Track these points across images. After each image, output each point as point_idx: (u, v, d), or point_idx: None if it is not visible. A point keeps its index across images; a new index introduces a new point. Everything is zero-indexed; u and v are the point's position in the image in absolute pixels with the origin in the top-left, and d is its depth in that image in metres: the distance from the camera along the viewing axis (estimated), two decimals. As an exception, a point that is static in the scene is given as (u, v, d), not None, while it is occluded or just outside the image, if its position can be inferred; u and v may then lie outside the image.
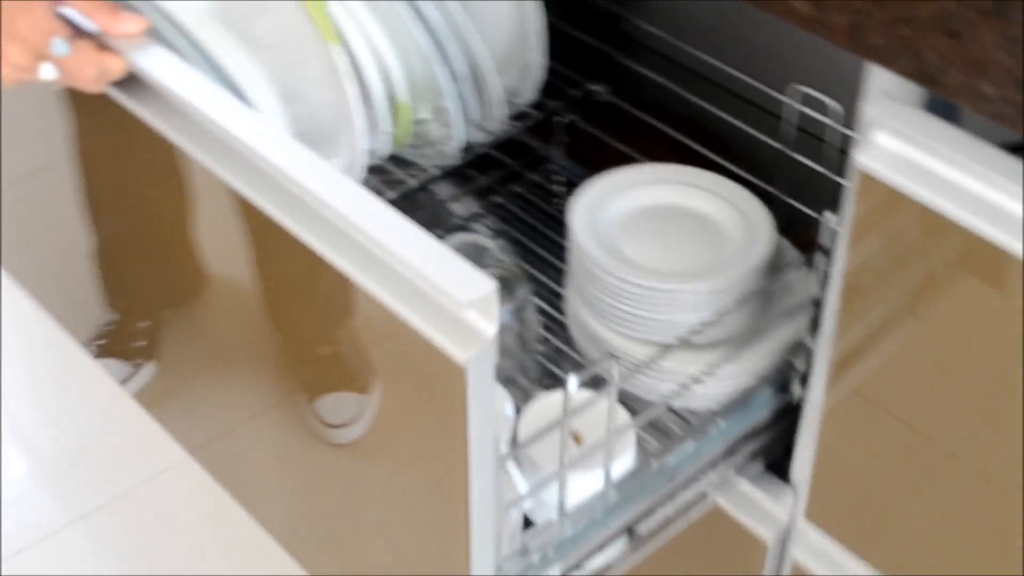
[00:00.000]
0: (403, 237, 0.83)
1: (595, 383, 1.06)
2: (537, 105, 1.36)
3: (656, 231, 1.19)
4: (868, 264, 1.00)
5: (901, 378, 1.03)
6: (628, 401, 1.15)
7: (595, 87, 1.38)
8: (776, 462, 1.18)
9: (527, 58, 1.29)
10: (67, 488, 1.87)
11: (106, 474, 1.87)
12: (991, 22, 0.82)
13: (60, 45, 0.97)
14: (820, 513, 1.14)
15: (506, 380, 1.17)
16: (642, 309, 1.12)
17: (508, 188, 1.40)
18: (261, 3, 1.24)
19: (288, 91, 1.27)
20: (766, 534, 1.17)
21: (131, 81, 1.00)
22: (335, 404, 1.13)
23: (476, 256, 1.22)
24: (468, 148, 1.31)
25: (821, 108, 1.14)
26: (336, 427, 1.15)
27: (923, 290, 0.97)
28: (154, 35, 1.14)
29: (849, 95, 1.03)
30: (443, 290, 0.79)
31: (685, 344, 1.12)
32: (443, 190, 1.43)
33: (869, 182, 0.94)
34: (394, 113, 1.26)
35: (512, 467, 1.04)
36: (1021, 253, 0.87)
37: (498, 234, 1.37)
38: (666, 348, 1.11)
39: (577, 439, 1.09)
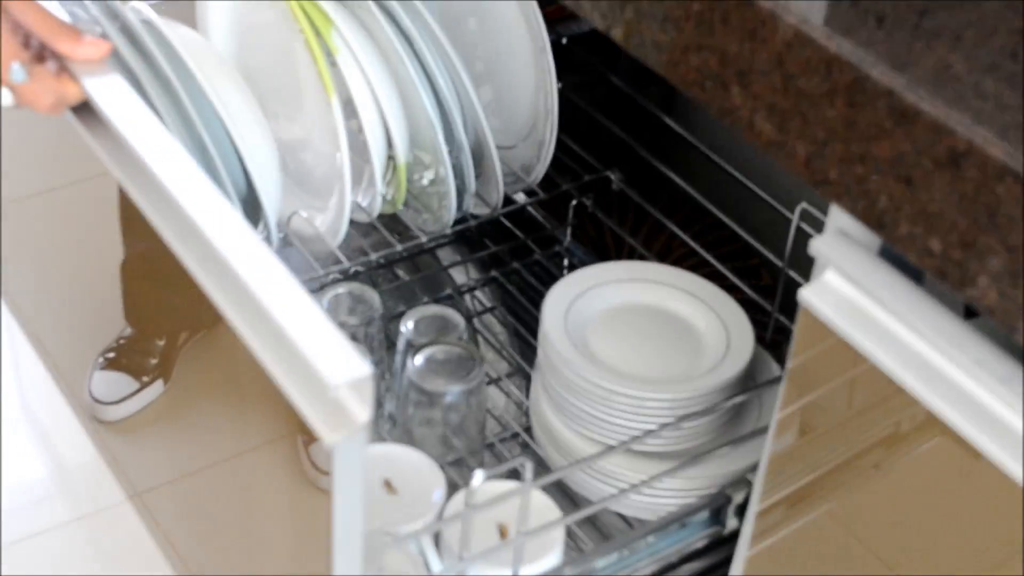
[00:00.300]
0: (294, 309, 0.81)
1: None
2: (552, 184, 1.36)
3: (633, 331, 1.17)
4: (807, 405, 0.97)
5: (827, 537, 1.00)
6: (575, 499, 1.14)
7: (610, 173, 1.36)
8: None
9: (542, 135, 1.28)
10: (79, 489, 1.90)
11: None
12: (944, 174, 0.79)
13: (19, 72, 0.96)
14: None
15: (454, 461, 1.16)
16: (593, 408, 1.10)
17: (513, 262, 1.39)
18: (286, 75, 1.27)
19: (297, 139, 1.30)
20: None
21: (86, 107, 1.00)
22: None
23: (440, 330, 1.19)
24: (471, 218, 1.31)
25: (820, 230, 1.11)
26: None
27: (856, 441, 0.94)
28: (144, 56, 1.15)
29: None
30: (317, 369, 0.77)
31: (628, 449, 1.09)
32: (448, 255, 1.43)
33: (810, 319, 0.92)
34: (393, 174, 1.26)
35: (428, 546, 1.01)
36: (957, 424, 0.83)
37: (489, 309, 1.37)
38: (609, 449, 1.08)
39: (503, 531, 1.06)
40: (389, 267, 1.41)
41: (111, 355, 1.46)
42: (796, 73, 0.86)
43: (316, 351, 0.78)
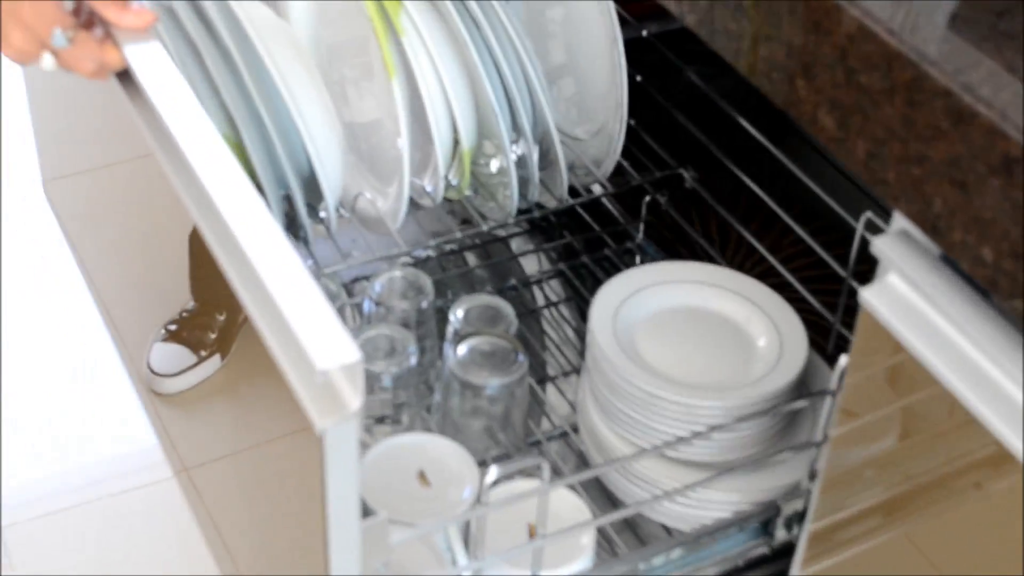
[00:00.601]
0: (295, 293, 0.80)
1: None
2: (627, 178, 1.33)
3: (683, 334, 1.14)
4: (863, 415, 0.94)
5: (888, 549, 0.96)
6: (618, 505, 1.12)
7: (683, 171, 1.32)
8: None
9: (612, 129, 1.26)
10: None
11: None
12: (998, 180, 0.75)
13: (60, 37, 0.97)
14: None
15: (499, 456, 1.14)
16: (636, 411, 1.07)
17: (583, 255, 1.36)
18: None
19: (370, 121, 1.29)
20: None
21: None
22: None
23: (491, 320, 1.17)
24: (536, 209, 1.29)
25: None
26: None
27: (913, 444, 0.91)
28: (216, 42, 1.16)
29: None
30: (307, 352, 0.76)
31: (670, 457, 1.06)
32: (521, 244, 1.42)
33: (871, 322, 0.89)
34: (458, 160, 1.25)
35: (456, 540, 0.99)
36: (1013, 441, 0.79)
37: (554, 303, 1.34)
38: (641, 452, 1.05)
39: (532, 531, 1.03)
40: (459, 253, 1.40)
41: (172, 327, 1.46)
42: (858, 68, 0.84)
43: (309, 335, 0.77)
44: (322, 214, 1.23)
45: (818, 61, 0.87)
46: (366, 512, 0.89)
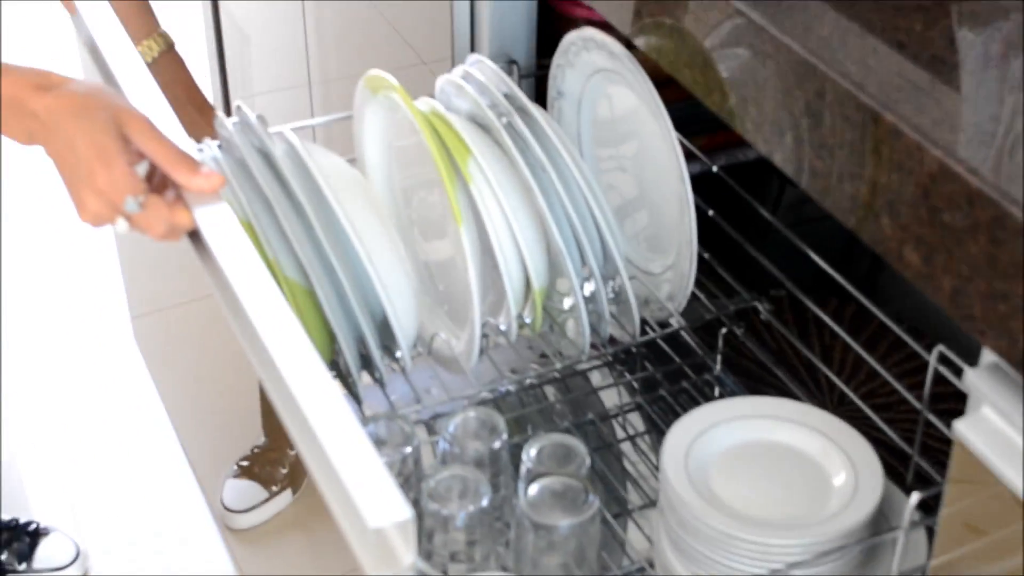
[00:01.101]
0: (348, 449, 0.79)
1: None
2: (704, 311, 1.31)
3: (757, 470, 1.09)
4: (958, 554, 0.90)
5: None
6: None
7: (757, 303, 1.29)
8: None
9: (683, 264, 1.23)
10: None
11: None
12: None
13: (132, 203, 0.98)
14: None
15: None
16: (711, 551, 1.02)
17: (662, 388, 1.32)
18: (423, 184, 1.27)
19: (443, 261, 1.30)
20: None
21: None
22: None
23: (561, 459, 1.12)
24: (608, 345, 1.27)
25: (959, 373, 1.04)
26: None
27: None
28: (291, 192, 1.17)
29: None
30: (359, 511, 0.75)
31: None
32: (601, 377, 1.37)
33: (965, 455, 0.85)
34: (530, 299, 1.23)
35: None
36: None
37: (631, 437, 1.30)
38: None
39: None
40: (539, 387, 1.39)
41: (244, 463, 1.47)
42: (941, 206, 0.80)
43: (361, 492, 0.75)
44: (398, 354, 1.22)
45: (902, 199, 0.85)
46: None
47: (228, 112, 1.40)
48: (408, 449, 1.14)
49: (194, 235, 1.01)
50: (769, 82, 0.94)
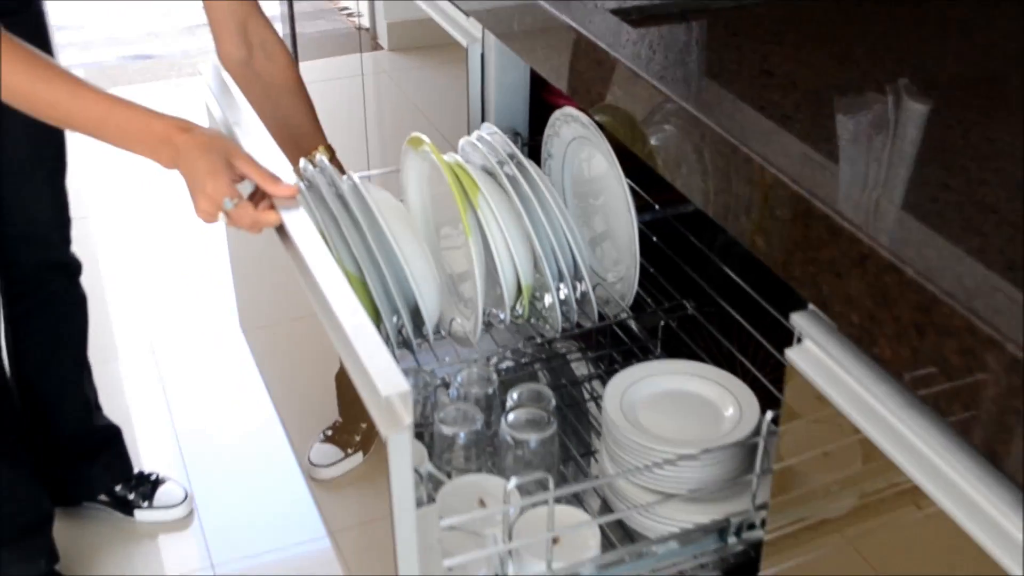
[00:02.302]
0: (372, 350, 0.91)
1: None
2: (646, 308, 1.43)
3: (672, 408, 1.20)
4: (798, 452, 0.98)
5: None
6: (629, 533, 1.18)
7: (686, 302, 1.41)
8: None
9: (631, 275, 1.36)
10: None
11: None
12: (858, 270, 0.82)
13: (228, 203, 1.13)
14: None
15: (534, 488, 1.18)
16: (632, 457, 1.14)
17: (618, 364, 1.41)
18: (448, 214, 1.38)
19: (462, 271, 1.41)
20: None
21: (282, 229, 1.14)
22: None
23: (535, 399, 1.25)
24: (577, 328, 1.38)
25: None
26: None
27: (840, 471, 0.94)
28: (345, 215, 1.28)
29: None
30: (373, 379, 0.86)
31: (648, 489, 1.13)
32: (571, 346, 1.49)
33: (792, 372, 0.94)
34: (520, 295, 1.35)
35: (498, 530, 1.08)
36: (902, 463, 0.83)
37: (594, 398, 1.41)
38: (618, 474, 1.13)
39: (557, 540, 1.11)
40: (530, 364, 1.48)
41: (328, 432, 1.58)
42: (775, 206, 0.90)
43: (379, 376, 0.87)
44: (425, 332, 1.34)
45: (752, 203, 0.93)
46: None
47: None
48: (428, 393, 1.28)
49: (286, 237, 1.13)
50: (671, 132, 1.04)
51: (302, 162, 1.35)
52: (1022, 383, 0.70)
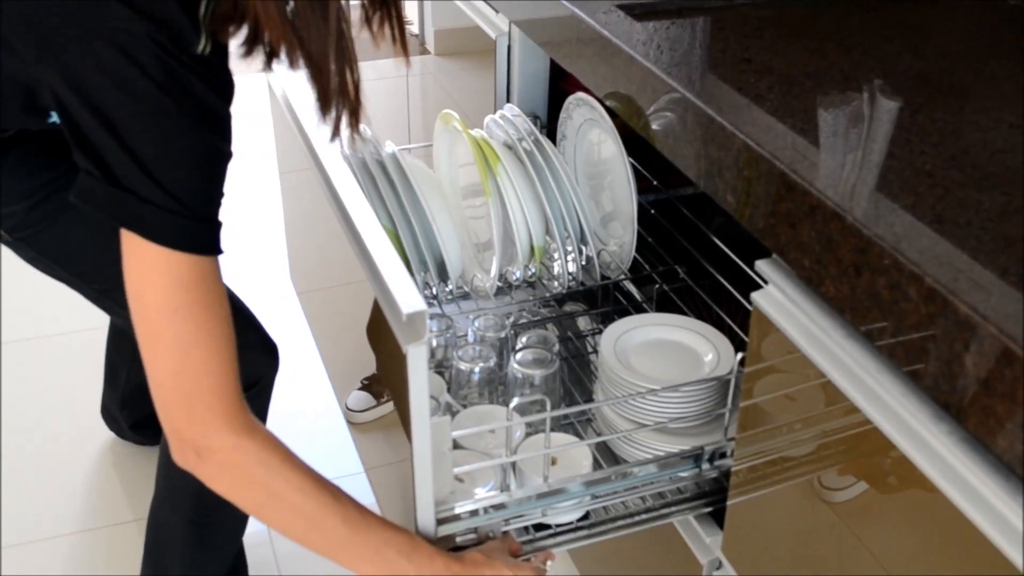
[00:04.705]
0: (396, 276, 0.96)
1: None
2: (640, 269, 1.48)
3: (658, 354, 1.26)
4: (763, 391, 1.03)
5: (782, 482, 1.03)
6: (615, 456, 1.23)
7: (678, 267, 1.46)
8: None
9: (631, 242, 1.42)
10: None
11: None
12: (808, 220, 0.88)
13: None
14: (733, 553, 1.14)
15: (536, 412, 1.23)
16: (619, 391, 1.19)
17: (616, 319, 1.40)
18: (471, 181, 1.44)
19: (479, 235, 1.46)
20: (702, 559, 1.19)
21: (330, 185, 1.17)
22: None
23: (540, 342, 1.31)
24: (581, 286, 1.43)
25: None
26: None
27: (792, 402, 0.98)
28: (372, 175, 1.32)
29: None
30: (396, 300, 0.92)
31: (633, 421, 1.18)
32: (578, 307, 1.53)
33: (758, 314, 0.99)
34: (533, 253, 1.41)
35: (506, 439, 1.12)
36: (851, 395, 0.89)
37: (594, 350, 1.45)
38: (602, 402, 1.18)
39: (554, 460, 1.17)
40: (541, 323, 1.51)
41: (365, 382, 1.63)
42: (743, 167, 0.95)
43: (402, 298, 0.92)
44: (449, 286, 1.40)
45: (725, 165, 0.97)
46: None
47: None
48: (449, 333, 1.34)
49: (333, 192, 1.15)
50: (664, 108, 1.10)
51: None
52: (939, 311, 0.76)
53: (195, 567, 1.56)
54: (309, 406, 2.28)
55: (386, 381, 1.35)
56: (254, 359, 1.42)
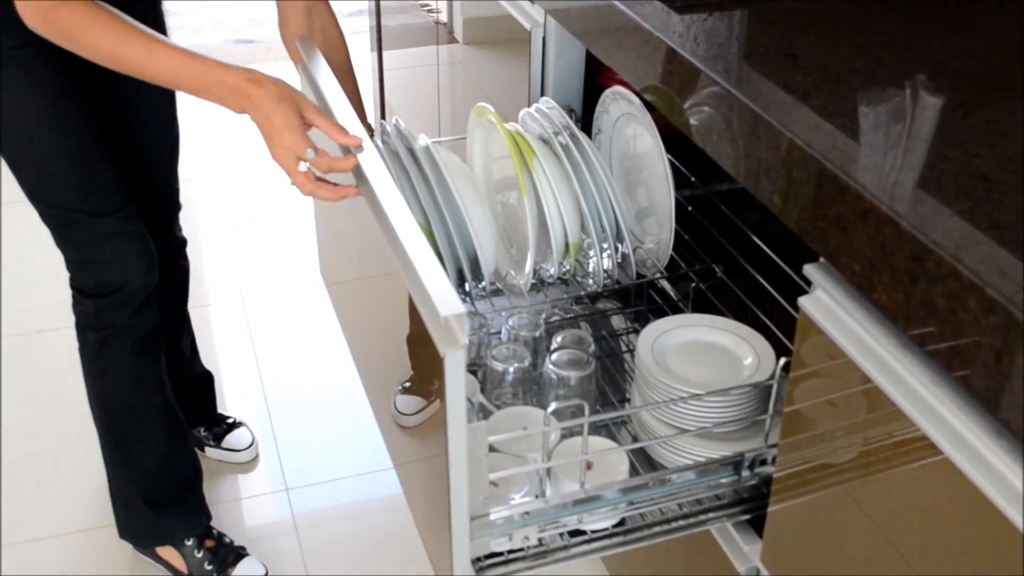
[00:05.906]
0: (434, 278, 0.95)
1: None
2: (676, 267, 1.44)
3: (697, 355, 1.23)
4: (807, 397, 1.00)
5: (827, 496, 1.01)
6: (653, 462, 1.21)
7: (715, 266, 1.43)
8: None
9: (668, 240, 1.39)
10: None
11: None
12: (862, 224, 0.86)
13: (311, 152, 1.17)
14: (772, 562, 1.13)
15: (571, 414, 1.22)
16: (657, 395, 1.17)
17: (651, 318, 1.40)
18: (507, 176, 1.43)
19: (514, 232, 1.44)
20: (740, 568, 1.17)
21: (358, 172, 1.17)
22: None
23: (576, 342, 1.29)
24: (616, 284, 1.41)
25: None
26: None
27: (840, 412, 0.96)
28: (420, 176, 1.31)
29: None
30: (433, 302, 0.90)
31: (674, 426, 1.16)
32: (611, 304, 1.51)
33: (805, 320, 0.97)
34: (568, 249, 1.39)
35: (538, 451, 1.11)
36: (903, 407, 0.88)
37: (629, 350, 1.44)
38: (636, 407, 1.15)
39: (590, 465, 1.15)
40: (574, 319, 1.49)
41: (407, 384, 1.61)
42: (792, 168, 0.93)
43: (440, 300, 0.91)
44: (482, 284, 1.37)
45: (772, 167, 0.96)
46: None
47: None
48: (482, 332, 1.32)
49: (366, 185, 1.14)
50: (705, 104, 1.07)
51: (383, 124, 1.40)
52: (1000, 324, 0.73)
53: (120, 481, 1.76)
54: (335, 392, 2.28)
55: (431, 382, 1.39)
56: (129, 263, 1.55)
